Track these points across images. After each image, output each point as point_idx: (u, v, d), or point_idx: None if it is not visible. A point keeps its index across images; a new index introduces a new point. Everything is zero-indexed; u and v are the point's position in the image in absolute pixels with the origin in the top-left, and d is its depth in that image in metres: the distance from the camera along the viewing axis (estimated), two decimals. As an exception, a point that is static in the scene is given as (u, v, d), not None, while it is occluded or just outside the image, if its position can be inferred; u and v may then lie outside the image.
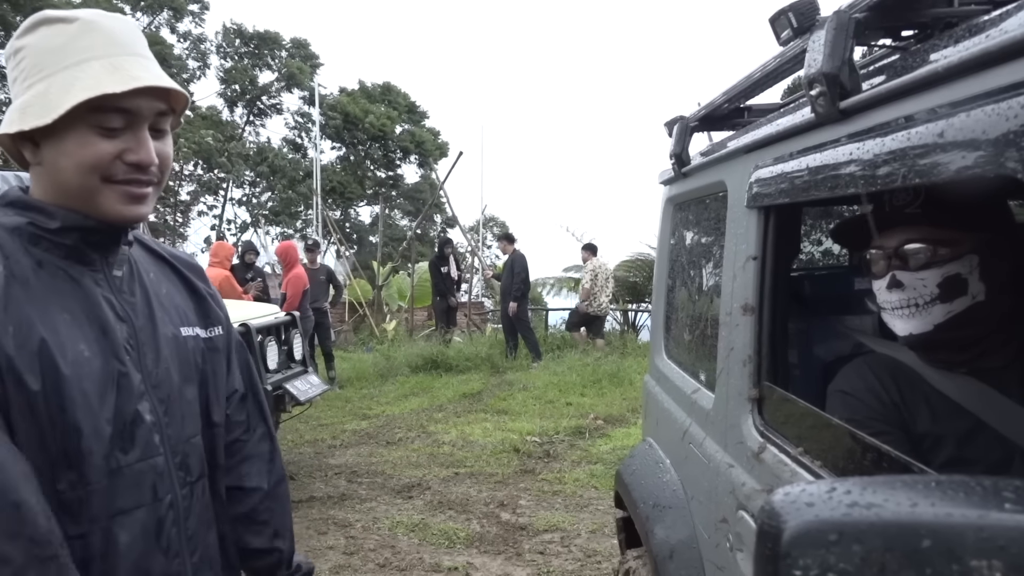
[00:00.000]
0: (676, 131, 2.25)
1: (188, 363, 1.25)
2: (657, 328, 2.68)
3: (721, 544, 1.69)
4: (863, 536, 0.57)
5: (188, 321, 1.29)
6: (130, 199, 1.11)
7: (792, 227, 1.74)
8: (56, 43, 1.07)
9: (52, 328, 1.05)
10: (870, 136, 1.09)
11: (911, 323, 1.42)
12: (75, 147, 1.06)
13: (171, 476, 1.18)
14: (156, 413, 1.17)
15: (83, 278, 1.13)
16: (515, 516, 5.07)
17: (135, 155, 1.09)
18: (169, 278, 1.32)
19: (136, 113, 1.08)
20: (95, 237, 1.14)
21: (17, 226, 1.09)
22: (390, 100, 35.72)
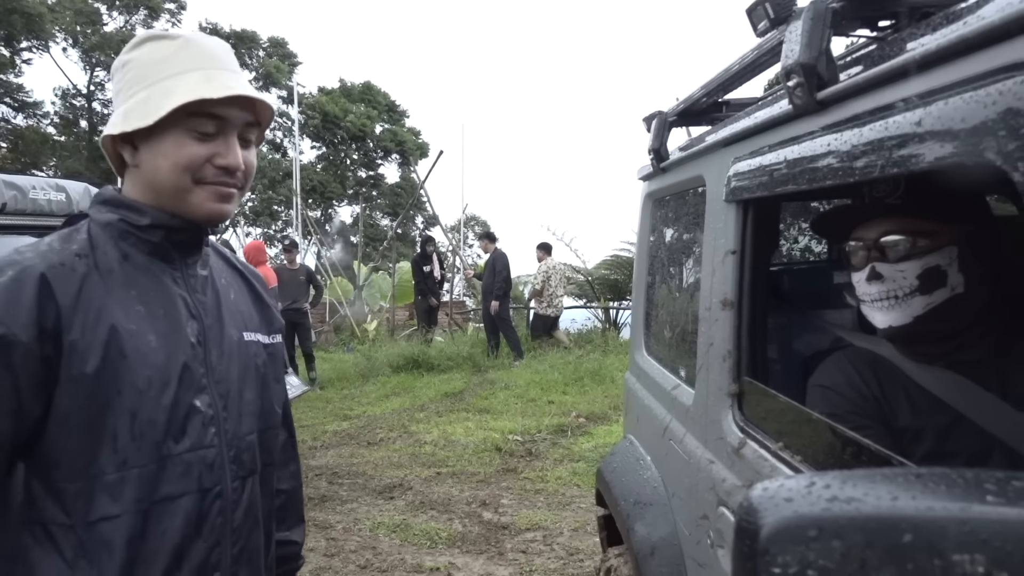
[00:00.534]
0: (654, 126, 2.24)
1: (249, 365, 1.32)
2: (637, 325, 2.67)
3: (702, 541, 1.68)
4: (843, 531, 0.55)
5: (252, 327, 1.36)
6: (217, 197, 1.21)
7: (771, 221, 1.73)
8: (159, 56, 1.19)
9: (125, 317, 1.14)
10: (848, 127, 1.08)
11: (890, 315, 1.41)
12: (172, 148, 1.17)
13: (224, 468, 1.23)
14: (215, 407, 1.23)
15: (163, 275, 1.23)
16: (497, 515, 5.05)
17: (224, 159, 1.19)
18: (238, 285, 1.40)
19: (227, 120, 1.19)
20: (179, 236, 1.23)
21: (109, 221, 1.20)
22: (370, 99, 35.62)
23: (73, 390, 1.08)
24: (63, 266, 1.12)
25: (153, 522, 1.14)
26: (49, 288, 1.08)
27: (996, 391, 1.41)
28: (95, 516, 1.10)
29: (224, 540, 1.23)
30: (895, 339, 1.48)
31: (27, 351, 1.05)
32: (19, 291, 1.07)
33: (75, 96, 31.48)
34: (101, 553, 1.10)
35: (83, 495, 1.09)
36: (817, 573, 0.55)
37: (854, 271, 1.47)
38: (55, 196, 5.55)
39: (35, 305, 1.07)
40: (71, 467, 1.09)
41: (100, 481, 1.10)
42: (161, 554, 1.15)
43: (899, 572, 0.54)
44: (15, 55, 28.05)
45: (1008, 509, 0.54)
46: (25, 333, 1.05)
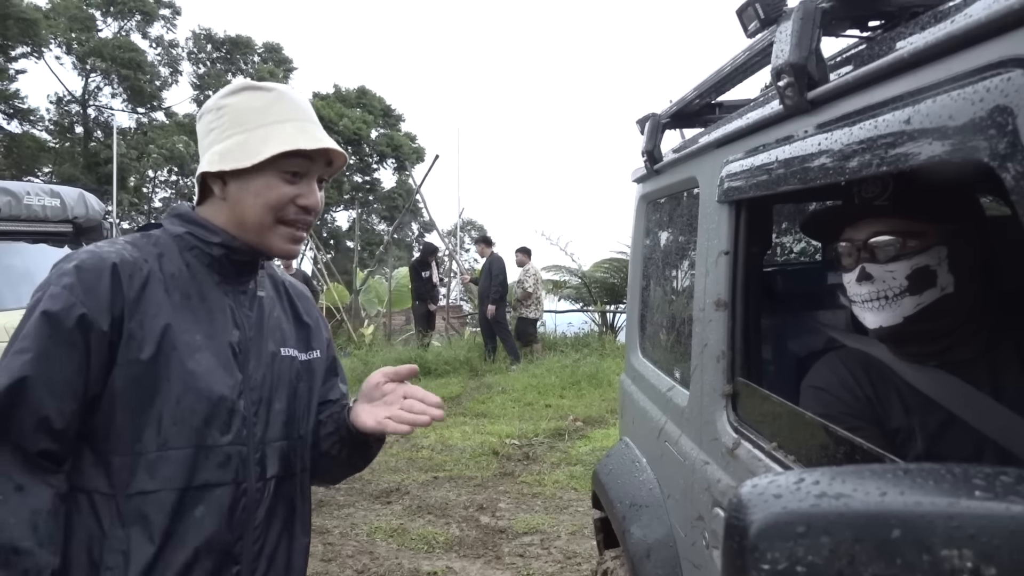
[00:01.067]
0: (648, 128, 2.24)
1: (282, 378, 1.42)
2: (632, 327, 2.67)
3: (697, 542, 1.67)
4: (832, 527, 0.55)
5: (288, 343, 1.46)
6: (292, 240, 1.37)
7: (763, 221, 1.73)
8: (256, 105, 1.33)
9: (179, 315, 1.28)
10: (838, 126, 1.08)
11: (880, 316, 1.41)
12: (263, 188, 1.31)
13: (249, 467, 1.33)
14: (248, 411, 1.34)
15: (216, 286, 1.36)
16: (494, 519, 5.04)
17: (306, 199, 1.34)
18: (281, 303, 1.51)
19: (312, 165, 1.34)
20: (240, 257, 1.37)
21: (178, 234, 1.35)
22: (365, 104, 35.64)
23: (128, 373, 1.22)
24: (133, 263, 1.26)
25: (190, 505, 1.25)
26: (119, 280, 1.23)
27: (988, 390, 1.41)
28: (134, 489, 1.22)
29: (247, 535, 1.33)
30: (886, 339, 1.48)
31: (101, 333, 1.20)
32: (98, 279, 1.22)
33: (70, 102, 31.46)
34: (136, 525, 1.22)
35: (126, 468, 1.22)
36: (806, 569, 0.55)
37: (844, 272, 1.48)
38: (50, 202, 5.54)
39: (109, 294, 1.22)
40: (118, 441, 1.22)
41: (143, 458, 1.23)
42: (192, 536, 1.25)
43: (888, 568, 0.54)
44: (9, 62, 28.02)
45: (996, 504, 0.54)
46: (102, 317, 1.20)
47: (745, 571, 0.57)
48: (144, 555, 1.22)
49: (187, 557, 1.25)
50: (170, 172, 31.33)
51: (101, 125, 31.66)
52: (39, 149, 29.65)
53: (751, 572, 0.57)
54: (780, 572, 0.56)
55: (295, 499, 1.45)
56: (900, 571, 0.53)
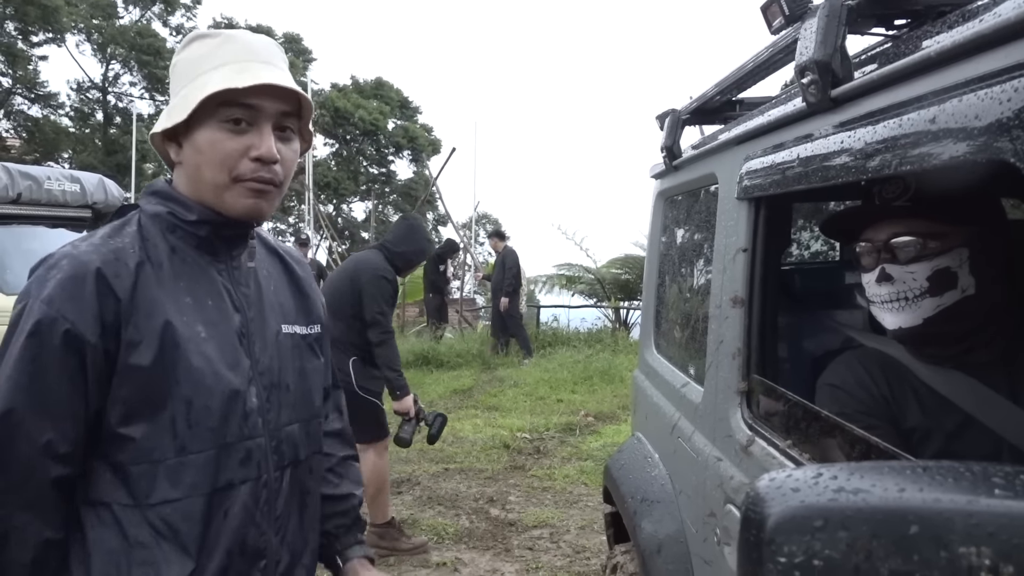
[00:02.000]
0: (667, 124, 2.24)
1: (287, 358, 1.34)
2: (647, 323, 2.67)
3: (709, 538, 1.68)
4: (849, 522, 0.55)
5: (289, 319, 1.37)
6: (251, 194, 1.21)
7: (782, 219, 1.72)
8: (200, 53, 1.21)
9: (176, 309, 1.18)
10: (861, 124, 1.07)
11: (900, 317, 1.40)
12: (206, 143, 1.18)
13: (267, 459, 1.27)
14: (260, 398, 1.26)
15: (209, 267, 1.25)
16: (504, 512, 5.05)
17: (257, 150, 1.18)
18: (279, 275, 1.41)
19: (259, 111, 1.19)
20: (225, 231, 1.25)
21: (158, 213, 1.23)
22: (382, 95, 35.67)
23: (131, 380, 1.13)
24: (117, 260, 1.14)
25: (216, 508, 1.18)
26: (106, 283, 1.12)
27: (1006, 393, 1.40)
28: (156, 499, 1.14)
29: (268, 528, 1.27)
30: (905, 341, 1.47)
31: (94, 348, 1.10)
32: (80, 287, 1.10)
33: (89, 89, 31.68)
34: (164, 536, 1.15)
35: (146, 478, 1.14)
36: (822, 563, 0.55)
37: (864, 272, 1.47)
38: (70, 187, 5.60)
39: (96, 301, 1.11)
40: (134, 451, 1.14)
41: (163, 465, 1.15)
42: (223, 538, 1.19)
43: (905, 564, 0.54)
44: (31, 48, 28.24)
45: (1016, 503, 0.54)
46: (90, 329, 1.10)
47: (761, 564, 0.58)
48: (177, 568, 1.15)
49: (221, 562, 1.19)
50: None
51: (121, 112, 31.87)
52: (60, 134, 29.87)
53: (767, 565, 0.57)
54: (797, 565, 0.56)
55: (309, 482, 1.39)
56: (917, 567, 0.53)
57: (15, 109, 29.08)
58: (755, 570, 0.58)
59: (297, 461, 1.34)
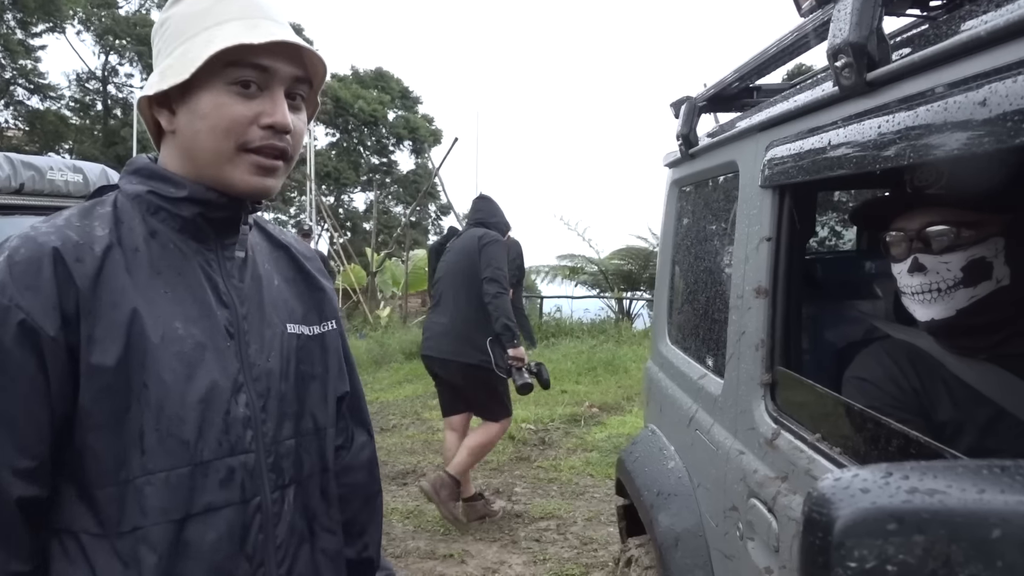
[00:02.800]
0: (683, 111, 2.20)
1: (291, 361, 1.18)
2: (660, 313, 2.64)
3: (730, 532, 1.65)
4: (925, 525, 0.52)
5: (295, 318, 1.22)
6: (260, 170, 1.07)
7: (807, 207, 1.69)
8: (199, 8, 1.06)
9: (148, 300, 1.02)
10: (901, 109, 1.04)
11: (933, 308, 1.37)
12: (211, 108, 1.03)
13: (262, 477, 1.10)
14: (253, 408, 1.10)
15: (194, 255, 1.09)
16: (511, 503, 5.03)
17: (270, 117, 1.05)
18: (284, 270, 1.25)
19: (272, 73, 1.05)
20: (217, 213, 1.10)
21: (138, 194, 1.08)
22: (382, 86, 35.55)
23: (95, 383, 0.97)
24: (80, 243, 0.99)
25: (192, 535, 1.02)
26: (66, 267, 0.97)
27: (1039, 385, 1.37)
28: (127, 526, 0.98)
29: (268, 560, 1.10)
30: (937, 332, 1.44)
31: (54, 342, 0.95)
32: (37, 272, 0.95)
33: (89, 79, 31.56)
34: (133, 568, 0.99)
35: (114, 502, 0.98)
36: (896, 568, 0.52)
37: (894, 262, 1.43)
38: (72, 177, 5.55)
39: (54, 288, 0.95)
40: (99, 470, 0.98)
41: (131, 486, 0.98)
42: (202, 571, 1.02)
43: (987, 569, 0.51)
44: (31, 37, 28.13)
45: (1105, 505, 0.51)
46: (49, 319, 0.95)
47: (829, 568, 0.54)
48: None
49: None
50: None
51: (120, 103, 31.76)
52: (61, 125, 29.78)
53: (836, 570, 0.54)
54: (868, 571, 0.53)
55: (319, 506, 1.21)
56: (1000, 573, 0.50)
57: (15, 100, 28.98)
58: (822, 574, 0.55)
59: (302, 481, 1.17)
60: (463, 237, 4.66)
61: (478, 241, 4.47)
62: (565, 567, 4.06)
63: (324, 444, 1.23)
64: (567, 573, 3.99)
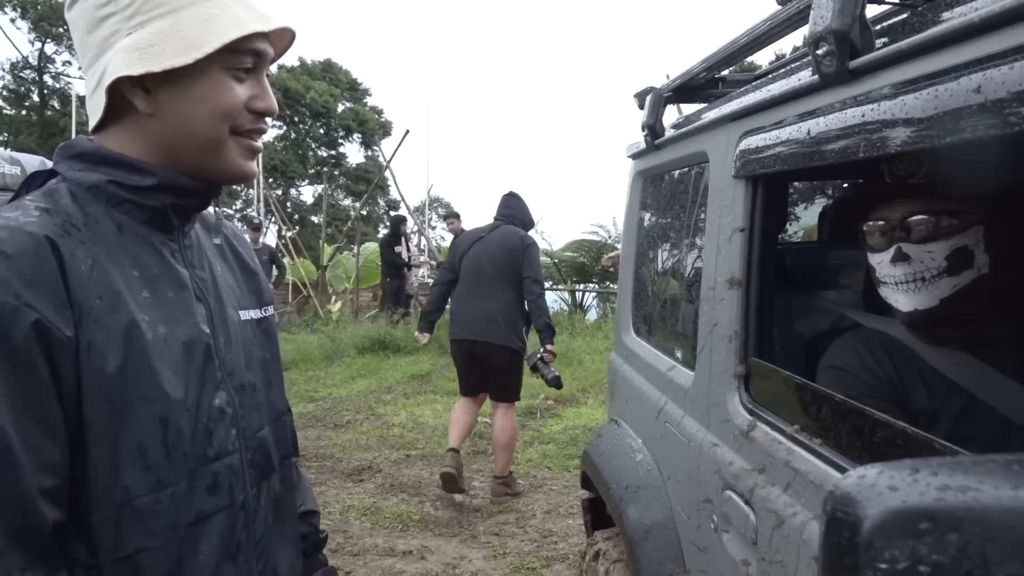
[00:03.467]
0: (649, 102, 2.18)
1: (251, 349, 1.13)
2: (624, 305, 2.63)
3: (704, 525, 1.64)
4: (960, 523, 0.50)
5: (244, 303, 1.17)
6: (250, 153, 1.03)
7: (780, 197, 1.68)
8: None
9: (136, 302, 0.93)
10: (887, 97, 1.03)
11: (916, 298, 1.36)
12: (210, 92, 0.96)
13: (243, 475, 1.06)
14: (233, 404, 1.05)
15: (162, 248, 1.01)
16: (469, 498, 5.00)
17: (262, 102, 1.01)
18: (222, 255, 1.19)
19: (264, 58, 1.01)
20: (190, 200, 1.03)
21: (95, 184, 0.96)
22: (331, 77, 35.10)
23: (93, 394, 0.88)
24: (68, 235, 0.89)
25: (189, 548, 0.96)
26: (63, 262, 0.87)
27: (1012, 374, 1.38)
28: (127, 550, 0.91)
29: (250, 557, 1.06)
30: (917, 323, 1.43)
31: (64, 341, 0.85)
32: (38, 264, 0.85)
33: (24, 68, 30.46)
34: None
35: (111, 526, 0.90)
36: (929, 569, 0.50)
37: (873, 252, 1.43)
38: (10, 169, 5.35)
39: (60, 282, 0.86)
40: (96, 490, 0.89)
41: (130, 507, 0.90)
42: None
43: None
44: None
45: None
46: (60, 316, 0.85)
47: (857, 570, 0.52)
48: None
49: None
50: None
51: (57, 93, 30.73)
52: (-6, 115, 28.75)
53: (865, 571, 0.52)
54: (900, 572, 0.51)
55: (283, 492, 1.18)
56: (1038, 572, 0.49)
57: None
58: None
59: (271, 472, 1.14)
60: (501, 232, 5.01)
61: (521, 241, 4.92)
62: (526, 560, 4.04)
63: (285, 431, 1.22)
64: (528, 566, 3.97)
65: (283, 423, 1.21)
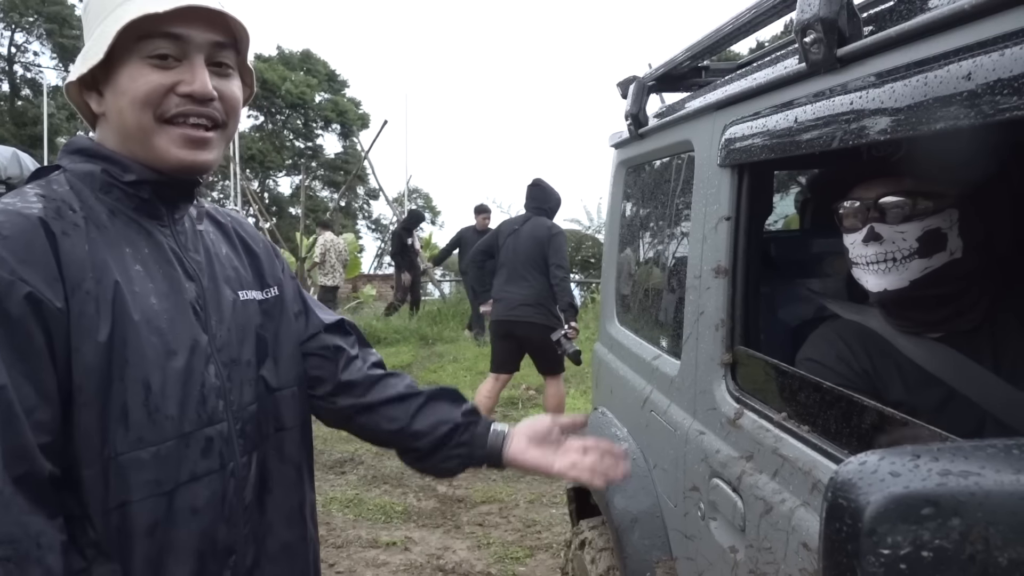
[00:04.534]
0: (632, 91, 2.17)
1: (247, 328, 1.19)
2: (608, 295, 2.63)
3: (691, 513, 1.65)
4: (962, 508, 0.50)
5: (245, 284, 1.23)
6: (187, 143, 1.05)
7: (765, 185, 1.68)
8: None
9: (126, 276, 1.02)
10: (876, 85, 1.03)
11: (886, 279, 1.37)
12: (128, 82, 1.01)
13: (233, 444, 1.13)
14: (221, 377, 1.12)
15: (153, 231, 1.10)
16: (452, 489, 5.00)
17: (188, 86, 1.02)
18: (228, 239, 1.26)
19: (187, 41, 1.02)
20: (168, 191, 1.10)
21: (90, 172, 1.06)
22: (309, 68, 34.81)
23: (84, 360, 0.96)
24: (61, 217, 0.98)
25: (180, 504, 1.03)
26: (55, 240, 0.95)
27: (988, 362, 1.40)
28: (113, 503, 0.98)
29: (237, 520, 1.13)
30: (888, 304, 1.44)
31: (56, 312, 0.93)
32: (30, 242, 0.93)
33: (-6, 58, 29.93)
34: (122, 544, 0.99)
35: (98, 481, 0.97)
36: (932, 554, 0.50)
37: (848, 232, 1.43)
38: (-19, 160, 5.24)
39: (51, 258, 0.94)
40: (85, 448, 0.97)
41: (115, 463, 0.98)
42: (191, 539, 1.05)
43: (1027, 552, 0.49)
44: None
45: None
46: (52, 289, 0.93)
47: (859, 556, 0.52)
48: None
49: (192, 568, 1.05)
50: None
51: (29, 83, 30.23)
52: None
53: (867, 558, 0.52)
54: (902, 558, 0.51)
55: (275, 463, 1.23)
56: (1040, 556, 0.49)
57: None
58: (851, 563, 0.53)
59: (263, 443, 1.20)
60: (531, 225, 5.61)
61: (548, 231, 5.52)
62: (509, 550, 4.05)
63: (279, 406, 1.25)
64: (511, 556, 3.98)
65: (276, 398, 1.24)
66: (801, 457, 1.21)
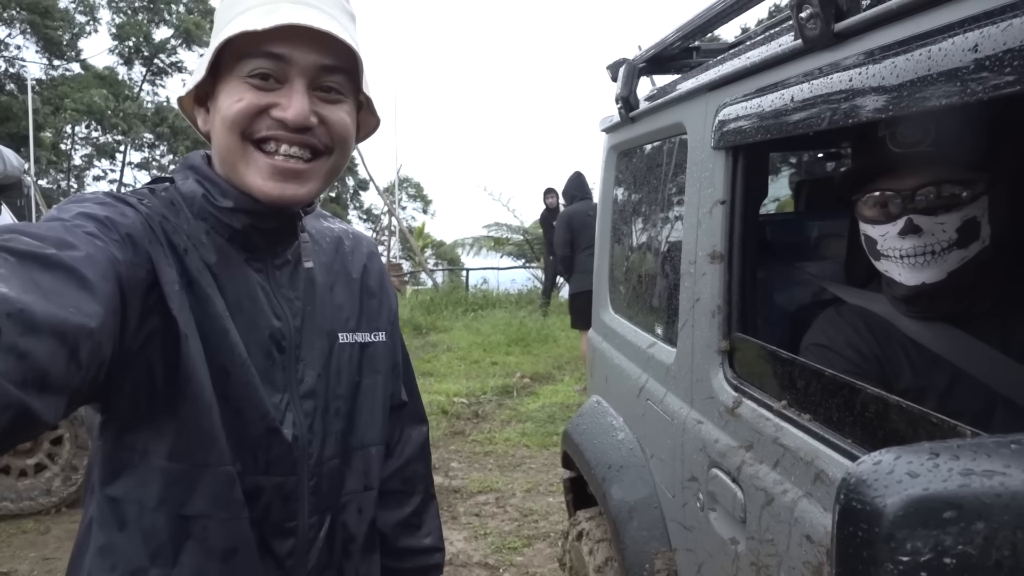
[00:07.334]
0: (622, 74, 2.13)
1: (341, 375, 1.09)
2: (601, 282, 2.59)
3: (689, 503, 1.61)
4: (987, 511, 0.47)
5: (350, 325, 1.12)
6: (275, 174, 0.94)
7: (760, 168, 1.64)
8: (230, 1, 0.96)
9: (212, 303, 0.94)
10: (876, 60, 0.99)
11: (924, 272, 1.30)
12: (225, 102, 0.93)
13: (302, 501, 1.03)
14: (300, 427, 1.02)
15: (244, 264, 1.00)
16: (448, 479, 4.97)
17: (282, 111, 0.92)
18: (343, 268, 1.15)
19: (289, 62, 0.92)
20: (267, 223, 1.00)
21: (192, 194, 0.99)
22: (296, 58, 34.52)
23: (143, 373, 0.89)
24: (163, 220, 0.94)
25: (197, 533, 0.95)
26: (155, 235, 0.90)
27: (996, 343, 1.36)
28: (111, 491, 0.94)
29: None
30: (919, 298, 1.38)
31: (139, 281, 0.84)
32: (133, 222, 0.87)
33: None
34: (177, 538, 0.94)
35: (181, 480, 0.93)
36: (955, 561, 0.47)
37: (876, 224, 1.34)
38: (-36, 157, 5.17)
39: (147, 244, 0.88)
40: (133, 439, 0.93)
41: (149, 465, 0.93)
42: None
43: (1058, 557, 0.45)
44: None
45: None
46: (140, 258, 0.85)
47: (877, 564, 0.49)
48: None
49: None
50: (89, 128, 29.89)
51: (12, 77, 29.91)
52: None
53: (886, 565, 0.48)
54: (923, 565, 0.47)
55: (356, 526, 1.12)
56: (1074, 560, 0.45)
57: None
58: (867, 571, 0.49)
59: (340, 501, 1.09)
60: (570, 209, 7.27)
61: (584, 218, 6.83)
62: (507, 540, 4.03)
63: (369, 463, 1.14)
64: (509, 546, 3.96)
65: (368, 455, 1.13)
66: (803, 447, 1.18)
